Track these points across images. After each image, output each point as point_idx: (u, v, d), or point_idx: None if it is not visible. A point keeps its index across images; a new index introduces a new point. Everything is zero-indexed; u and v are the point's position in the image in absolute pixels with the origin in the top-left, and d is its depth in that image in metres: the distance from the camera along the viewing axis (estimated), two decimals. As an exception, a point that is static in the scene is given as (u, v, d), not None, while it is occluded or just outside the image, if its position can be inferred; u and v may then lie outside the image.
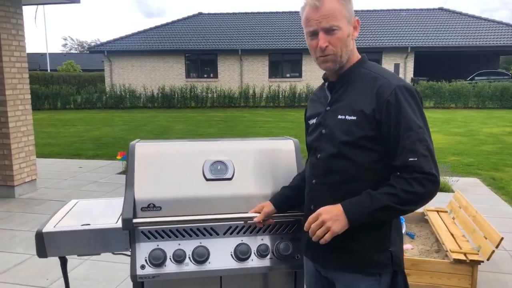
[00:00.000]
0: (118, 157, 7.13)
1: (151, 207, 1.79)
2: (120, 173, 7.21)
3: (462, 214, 3.81)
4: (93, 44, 55.64)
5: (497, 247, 2.96)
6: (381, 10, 27.97)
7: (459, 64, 27.99)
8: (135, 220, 1.70)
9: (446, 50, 24.11)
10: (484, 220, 3.35)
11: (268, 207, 1.76)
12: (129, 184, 1.80)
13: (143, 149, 1.90)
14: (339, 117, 1.52)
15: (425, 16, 26.54)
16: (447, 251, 3.25)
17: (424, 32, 24.41)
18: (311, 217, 1.46)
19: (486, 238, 3.17)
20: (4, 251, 3.99)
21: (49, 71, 37.03)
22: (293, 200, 1.79)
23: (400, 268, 1.52)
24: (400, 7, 31.48)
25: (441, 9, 27.86)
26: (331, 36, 1.49)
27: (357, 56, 1.59)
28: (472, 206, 3.72)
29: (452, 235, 3.53)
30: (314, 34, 1.52)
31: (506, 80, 21.86)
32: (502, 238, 2.95)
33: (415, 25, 25.24)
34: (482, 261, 3.04)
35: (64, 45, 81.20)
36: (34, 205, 5.40)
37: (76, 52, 67.06)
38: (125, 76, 25.29)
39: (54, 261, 3.70)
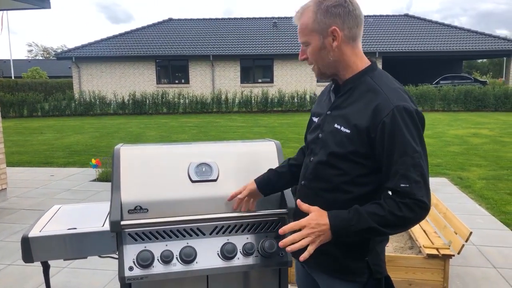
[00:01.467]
0: (93, 162, 7.04)
1: (138, 209, 1.81)
2: (94, 180, 7.10)
3: (433, 212, 3.97)
4: (59, 50, 54.32)
5: (466, 241, 3.12)
6: (349, 17, 28.54)
7: (424, 68, 28.95)
8: (122, 222, 1.73)
9: (412, 55, 24.91)
10: (453, 216, 3.51)
11: (252, 185, 1.81)
12: (115, 187, 1.82)
13: (128, 152, 1.93)
14: (335, 126, 1.50)
15: (392, 22, 27.35)
16: (420, 247, 3.38)
17: (391, 38, 25.15)
18: (294, 224, 1.42)
19: (456, 233, 3.33)
20: (-23, 262, 3.88)
21: (13, 78, 35.91)
22: (276, 185, 1.83)
23: (381, 276, 1.52)
24: (368, 13, 32.20)
25: (406, 15, 28.76)
26: (307, 48, 1.52)
27: (363, 63, 1.53)
28: (442, 203, 3.88)
29: (424, 231, 3.68)
30: None
31: (469, 84, 22.81)
32: (471, 233, 3.10)
33: (382, 31, 25.95)
34: (453, 255, 3.19)
35: (30, 51, 78.89)
36: (5, 214, 5.25)
37: (41, 58, 65.30)
38: (94, 82, 24.86)
39: (32, 270, 3.64)
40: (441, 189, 6.33)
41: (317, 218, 1.39)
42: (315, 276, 1.66)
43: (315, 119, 1.67)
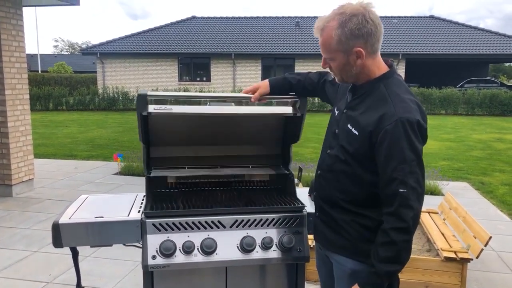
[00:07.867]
0: (115, 160, 7.20)
1: (162, 200, 1.88)
2: (116, 174, 7.26)
3: (452, 215, 3.95)
4: (84, 45, 55.36)
5: (485, 245, 3.10)
6: (373, 17, 28.23)
7: (449, 71, 28.41)
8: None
9: (436, 57, 24.48)
10: (473, 220, 3.49)
11: (264, 88, 1.96)
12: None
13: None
14: (348, 126, 1.63)
15: (416, 24, 26.93)
16: (438, 249, 3.38)
17: (415, 39, 24.77)
18: None
19: (475, 238, 3.31)
20: (5, 248, 4.04)
21: (40, 72, 36.80)
22: (290, 87, 2.02)
23: None
24: (392, 14, 31.77)
25: (432, 17, 28.30)
26: (329, 62, 1.63)
27: (381, 69, 1.62)
28: (462, 207, 3.86)
29: (443, 235, 3.66)
30: None
31: (495, 88, 22.27)
32: (490, 237, 3.08)
33: (406, 32, 25.58)
34: (472, 259, 3.18)
35: (56, 47, 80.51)
36: (32, 204, 5.44)
37: (67, 53, 66.62)
38: (118, 78, 25.25)
39: (57, 256, 3.77)
40: (462, 193, 6.25)
41: None
42: (329, 256, 1.77)
43: (336, 111, 1.79)
